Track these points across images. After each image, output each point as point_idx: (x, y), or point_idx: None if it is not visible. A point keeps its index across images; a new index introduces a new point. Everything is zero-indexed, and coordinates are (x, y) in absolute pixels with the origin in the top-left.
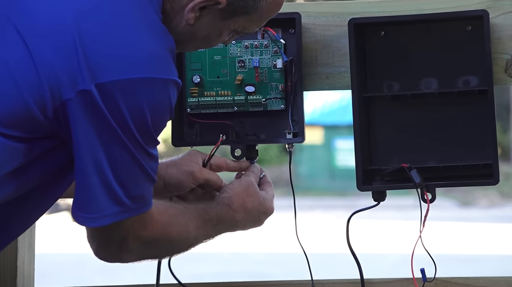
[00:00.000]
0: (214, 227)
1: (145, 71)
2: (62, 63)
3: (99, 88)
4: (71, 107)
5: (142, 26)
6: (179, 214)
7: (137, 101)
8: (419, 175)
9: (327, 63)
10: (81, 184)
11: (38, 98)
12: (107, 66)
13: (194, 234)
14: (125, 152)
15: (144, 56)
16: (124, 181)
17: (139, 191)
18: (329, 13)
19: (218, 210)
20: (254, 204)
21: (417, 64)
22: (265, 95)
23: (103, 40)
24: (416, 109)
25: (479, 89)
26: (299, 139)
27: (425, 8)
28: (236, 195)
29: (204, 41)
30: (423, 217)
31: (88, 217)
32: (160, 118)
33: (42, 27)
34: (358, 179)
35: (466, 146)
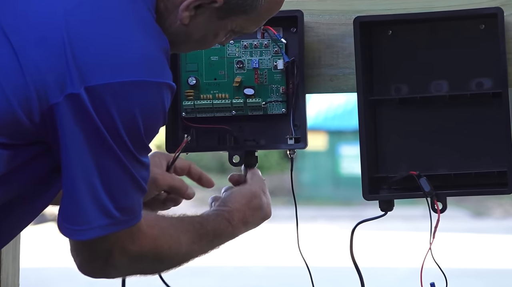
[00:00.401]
0: (209, 243)
1: (137, 74)
2: (50, 65)
3: (89, 92)
4: (59, 112)
5: (135, 26)
6: (172, 227)
7: (129, 106)
8: (428, 183)
9: (331, 64)
10: (68, 193)
11: (24, 102)
12: (98, 69)
13: (186, 249)
14: (115, 160)
15: (136, 58)
16: (114, 191)
17: (129, 202)
18: (333, 11)
19: (216, 225)
20: (254, 218)
21: (426, 65)
22: (265, 98)
23: (94, 41)
24: (425, 114)
25: (493, 92)
26: (301, 145)
27: (436, 5)
28: (238, 209)
29: (199, 42)
30: (433, 228)
31: (75, 229)
32: (152, 125)
33: (29, 26)
34: (364, 187)
35: (479, 152)
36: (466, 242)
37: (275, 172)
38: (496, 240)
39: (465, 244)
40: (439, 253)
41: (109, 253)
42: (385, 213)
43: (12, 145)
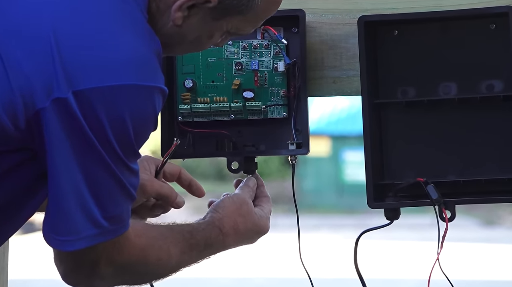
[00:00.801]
0: (200, 253)
1: (127, 78)
2: (36, 69)
3: (77, 96)
4: (45, 117)
5: (126, 27)
6: (161, 238)
7: (118, 111)
8: (436, 191)
9: (334, 66)
10: (54, 202)
11: (9, 107)
12: (86, 72)
13: (176, 260)
14: (104, 166)
15: (127, 60)
16: (102, 199)
17: (118, 211)
18: (336, 10)
19: (206, 234)
20: (246, 225)
21: (434, 67)
22: (265, 102)
23: (82, 43)
24: (433, 117)
25: (504, 95)
26: (303, 151)
27: (444, 4)
28: (228, 216)
29: (193, 44)
30: (441, 237)
31: (62, 240)
32: (143, 130)
33: (15, 29)
34: (369, 195)
35: (489, 158)
36: (476, 252)
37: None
38: (508, 250)
39: (475, 254)
40: (448, 264)
41: (95, 263)
42: (391, 221)
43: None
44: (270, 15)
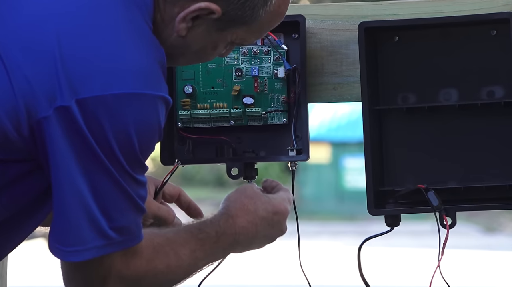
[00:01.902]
0: (215, 245)
1: (131, 86)
2: (39, 77)
3: (80, 105)
4: (48, 126)
5: (130, 36)
6: (167, 244)
7: (122, 119)
8: (437, 197)
9: (334, 72)
10: (59, 213)
11: (13, 115)
12: (90, 80)
13: (188, 261)
14: (108, 177)
15: (130, 69)
16: (108, 210)
17: (125, 222)
18: (337, 16)
19: (215, 223)
20: (256, 204)
21: (435, 73)
22: (265, 108)
23: (86, 51)
24: (434, 124)
25: (505, 101)
26: (303, 157)
27: (445, 10)
28: (234, 201)
29: (198, 55)
30: (442, 244)
31: (68, 251)
32: (148, 140)
33: (17, 37)
34: (370, 201)
35: (490, 165)
36: (476, 259)
37: None
38: (509, 258)
39: (475, 261)
40: (449, 271)
41: (104, 280)
42: (392, 228)
43: (1, 160)
44: (273, 27)
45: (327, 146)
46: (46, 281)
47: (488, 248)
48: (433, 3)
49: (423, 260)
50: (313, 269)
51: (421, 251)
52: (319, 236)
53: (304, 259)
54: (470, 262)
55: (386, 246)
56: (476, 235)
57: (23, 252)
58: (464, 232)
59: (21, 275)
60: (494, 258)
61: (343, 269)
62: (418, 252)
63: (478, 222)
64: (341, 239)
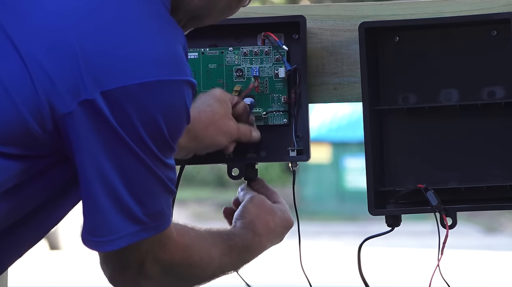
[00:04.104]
0: (239, 255)
1: (155, 74)
2: (61, 72)
3: (105, 97)
4: (72, 121)
5: (149, 23)
6: (201, 238)
7: (148, 108)
8: (436, 197)
9: (335, 72)
10: (89, 205)
11: (36, 111)
12: (113, 72)
13: (218, 262)
14: (139, 163)
15: (153, 57)
16: (141, 196)
17: (158, 207)
18: (337, 17)
19: (243, 237)
20: (276, 221)
21: (436, 73)
22: (266, 108)
23: (107, 43)
24: (435, 124)
25: (506, 101)
26: (303, 158)
27: (445, 10)
28: (257, 217)
29: (223, 11)
30: (442, 244)
31: (103, 241)
32: (176, 125)
33: (37, 33)
34: (370, 202)
35: (491, 165)
36: (477, 259)
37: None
38: (509, 258)
39: (476, 261)
40: (449, 271)
41: (141, 263)
42: (392, 228)
43: (26, 156)
44: None
45: (328, 146)
46: (46, 281)
47: (489, 248)
48: (433, 3)
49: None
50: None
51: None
52: (320, 236)
53: (304, 259)
54: (470, 262)
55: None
56: (476, 235)
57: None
58: (465, 232)
59: (21, 275)
60: (494, 258)
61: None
62: (418, 252)
63: (478, 222)
64: (341, 239)
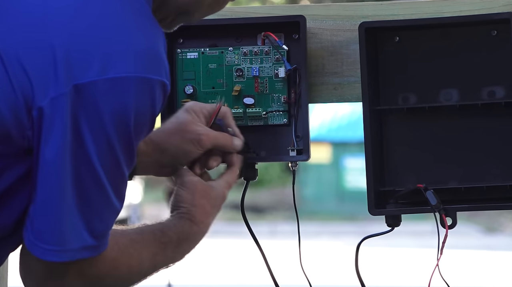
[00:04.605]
0: (176, 249)
1: (128, 70)
2: (35, 66)
3: (77, 90)
4: (44, 115)
5: (128, 19)
6: (131, 244)
7: (118, 102)
8: (435, 196)
9: (335, 72)
10: (43, 208)
11: (12, 106)
12: (86, 66)
13: (149, 264)
14: (95, 177)
15: (128, 53)
16: (91, 214)
17: (104, 227)
18: (337, 16)
19: (179, 229)
20: (212, 203)
21: (435, 73)
22: (266, 108)
23: (83, 38)
24: (435, 124)
25: (506, 101)
26: (303, 157)
27: (445, 10)
28: (192, 204)
29: (211, 6)
30: (441, 243)
31: (48, 249)
32: (141, 125)
33: (14, 28)
34: (370, 201)
35: (491, 165)
36: (477, 259)
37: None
38: (509, 258)
39: (476, 261)
40: (449, 271)
41: (65, 275)
42: (392, 228)
43: None
44: None
45: (328, 146)
46: None
47: (489, 248)
48: (433, 3)
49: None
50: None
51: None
52: (320, 236)
53: (304, 258)
54: (470, 262)
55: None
56: (476, 235)
57: None
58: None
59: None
60: (494, 258)
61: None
62: (418, 252)
63: (478, 222)
64: (341, 239)
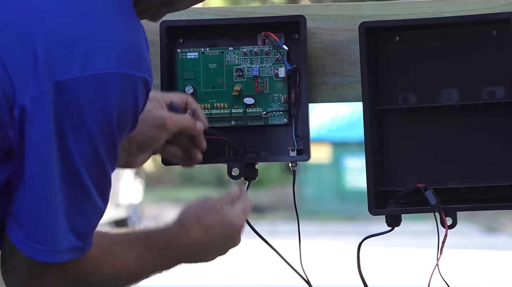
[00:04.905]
0: (163, 252)
1: (110, 67)
2: (14, 62)
3: (58, 87)
4: (26, 113)
5: (109, 15)
6: (114, 244)
7: (100, 99)
8: (435, 196)
9: (335, 72)
10: (32, 207)
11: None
12: (67, 62)
13: (135, 266)
14: (77, 180)
15: (110, 49)
16: (76, 213)
17: (90, 226)
18: (337, 16)
19: (166, 231)
20: (214, 219)
21: (436, 73)
22: (266, 108)
23: (63, 34)
24: (435, 124)
25: (506, 101)
26: (304, 157)
27: (446, 10)
28: (188, 212)
29: None
30: (441, 243)
31: (47, 251)
32: (124, 122)
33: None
34: (370, 201)
35: (491, 165)
36: (477, 259)
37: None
38: (509, 258)
39: (476, 261)
40: (449, 271)
41: (45, 273)
42: (392, 228)
43: None
44: None
45: (328, 146)
46: None
47: (489, 248)
48: (434, 3)
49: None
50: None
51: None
52: (320, 236)
53: (304, 258)
54: (471, 262)
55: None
56: (477, 235)
57: None
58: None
59: None
60: (495, 258)
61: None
62: (418, 252)
63: (479, 222)
64: (341, 239)
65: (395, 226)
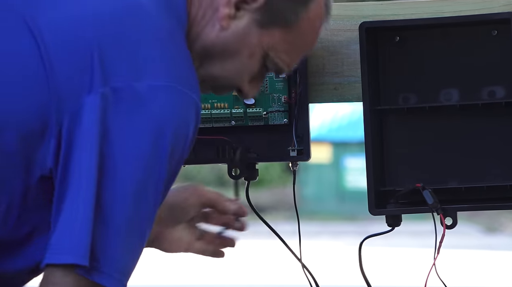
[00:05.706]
0: None
1: (170, 80)
2: (71, 66)
3: (113, 93)
4: (76, 119)
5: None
6: None
7: (156, 113)
8: (433, 196)
9: (335, 72)
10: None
11: (45, 108)
12: (124, 70)
13: None
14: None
15: (170, 65)
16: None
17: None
18: (338, 16)
19: None
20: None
21: (436, 73)
22: (266, 108)
23: (123, 42)
24: (435, 124)
25: (506, 101)
26: (304, 158)
27: (446, 10)
28: None
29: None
30: (438, 242)
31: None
32: (181, 141)
33: (56, 29)
34: (370, 201)
35: (491, 165)
36: (477, 259)
37: (277, 186)
38: (509, 258)
39: (476, 261)
40: (448, 271)
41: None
42: (392, 228)
43: None
44: (306, 48)
45: (328, 146)
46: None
47: (489, 248)
48: (434, 3)
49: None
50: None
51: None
52: (320, 236)
53: (305, 258)
54: (471, 262)
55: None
56: (477, 235)
57: None
58: (465, 232)
59: None
60: (495, 258)
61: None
62: (418, 252)
63: (479, 222)
64: (342, 239)
65: (395, 226)
